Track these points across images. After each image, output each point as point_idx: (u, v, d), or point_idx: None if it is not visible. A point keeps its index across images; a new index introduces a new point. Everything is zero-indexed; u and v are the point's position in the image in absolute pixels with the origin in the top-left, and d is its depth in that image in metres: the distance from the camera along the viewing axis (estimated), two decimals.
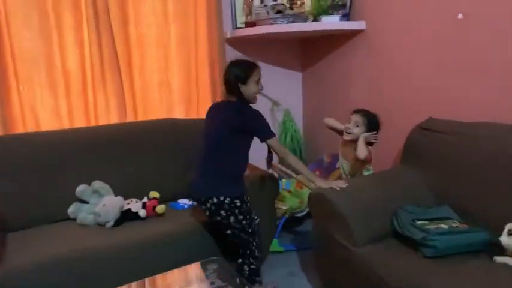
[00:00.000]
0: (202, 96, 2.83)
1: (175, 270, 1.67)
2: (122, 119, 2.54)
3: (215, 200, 1.88)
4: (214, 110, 2.09)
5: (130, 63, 2.56)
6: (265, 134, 1.92)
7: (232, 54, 2.91)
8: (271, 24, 2.54)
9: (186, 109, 2.78)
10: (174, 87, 2.74)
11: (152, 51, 2.61)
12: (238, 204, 1.91)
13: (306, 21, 2.63)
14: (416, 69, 2.27)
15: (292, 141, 3.12)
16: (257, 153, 2.71)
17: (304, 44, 3.15)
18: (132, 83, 2.59)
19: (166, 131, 2.48)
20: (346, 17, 2.60)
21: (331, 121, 2.40)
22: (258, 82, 1.95)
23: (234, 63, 1.97)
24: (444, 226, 1.65)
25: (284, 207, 2.64)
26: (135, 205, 2.14)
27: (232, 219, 1.91)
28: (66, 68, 2.40)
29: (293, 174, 2.56)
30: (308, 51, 3.13)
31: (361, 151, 2.12)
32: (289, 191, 2.71)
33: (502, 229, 1.52)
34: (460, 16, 1.99)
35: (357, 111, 2.22)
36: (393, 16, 2.36)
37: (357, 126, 2.18)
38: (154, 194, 2.26)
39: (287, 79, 3.18)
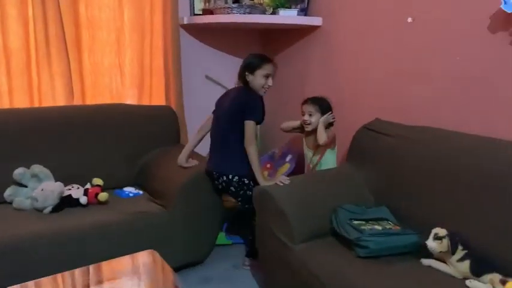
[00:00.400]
0: (155, 84, 2.76)
1: (109, 261, 1.63)
2: (69, 102, 2.44)
3: (225, 178, 2.10)
4: (224, 95, 2.31)
5: (79, 44, 2.46)
6: (251, 114, 2.06)
7: (189, 42, 2.86)
8: (228, 13, 2.49)
9: (139, 95, 2.71)
10: (125, 72, 2.65)
11: (103, 34, 2.51)
12: (246, 182, 2.12)
13: (264, 13, 2.60)
14: (368, 69, 2.30)
15: None
16: (206, 144, 2.71)
17: (264, 36, 3.12)
18: (80, 65, 2.48)
19: (115, 116, 2.41)
20: (304, 11, 2.59)
21: (286, 124, 2.44)
22: (266, 76, 2.10)
23: (252, 54, 2.18)
24: (378, 227, 1.69)
25: (233, 200, 2.63)
26: (76, 191, 2.08)
27: (241, 193, 2.14)
28: (7, 44, 2.26)
29: None
30: (268, 44, 3.11)
31: (321, 136, 2.16)
32: None
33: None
34: (409, 20, 2.02)
35: (305, 102, 2.27)
36: (348, 14, 2.37)
37: (311, 115, 2.22)
38: (97, 181, 2.20)
39: None
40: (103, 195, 2.09)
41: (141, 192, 2.30)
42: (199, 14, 2.76)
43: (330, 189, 1.98)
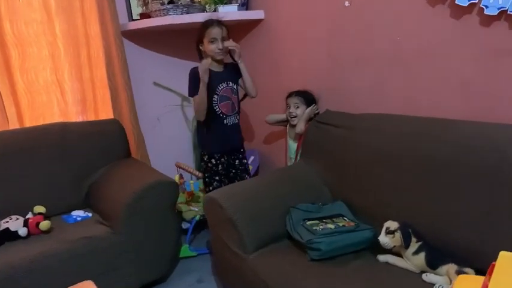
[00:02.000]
0: (100, 96, 2.61)
1: None
2: (4, 127, 2.28)
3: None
4: None
5: (8, 64, 2.29)
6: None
7: (131, 49, 2.72)
8: (164, 15, 2.36)
9: (83, 111, 2.56)
10: (65, 88, 2.49)
11: (33, 50, 2.35)
12: (205, 159, 2.25)
13: (204, 12, 2.47)
14: (312, 58, 2.20)
15: None
16: (159, 158, 2.59)
17: None
18: (13, 87, 2.31)
19: (53, 136, 2.24)
20: (245, 6, 2.48)
21: (271, 117, 2.40)
22: (212, 42, 2.06)
23: None
24: (331, 226, 1.60)
25: (195, 209, 2.52)
26: (14, 223, 1.93)
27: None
28: None
29: (199, 174, 2.44)
30: None
31: (299, 125, 2.16)
32: (193, 193, 2.57)
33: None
34: (346, 4, 1.92)
35: (290, 95, 2.24)
36: (287, 3, 2.26)
37: (298, 107, 2.20)
38: (39, 209, 2.05)
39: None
40: (44, 224, 1.94)
41: (90, 215, 2.16)
42: (137, 19, 2.62)
43: (283, 189, 1.88)
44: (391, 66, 1.81)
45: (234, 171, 2.29)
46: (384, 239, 1.43)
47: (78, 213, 2.17)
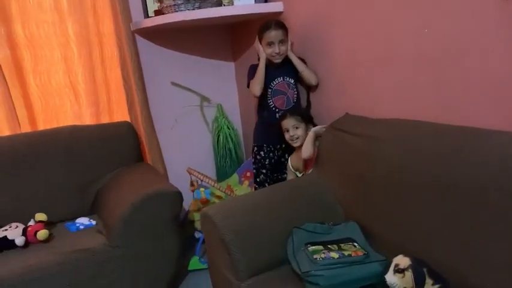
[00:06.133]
0: (114, 97, 2.53)
1: None
2: (16, 131, 2.25)
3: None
4: None
5: (20, 66, 2.26)
6: None
7: (147, 48, 2.60)
8: (176, 11, 2.20)
9: (96, 113, 2.48)
10: (79, 90, 2.43)
11: (46, 52, 2.30)
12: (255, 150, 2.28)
13: (219, 5, 2.29)
14: (334, 55, 1.94)
15: (227, 140, 2.81)
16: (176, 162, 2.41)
17: (234, 30, 2.81)
18: (25, 90, 2.28)
19: (61, 140, 2.18)
20: None
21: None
22: (269, 45, 1.99)
23: None
24: (334, 255, 1.35)
25: None
26: (13, 232, 1.88)
27: None
28: None
29: (210, 181, 2.28)
30: (238, 38, 2.79)
31: (307, 148, 1.85)
32: (207, 201, 2.40)
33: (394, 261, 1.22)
34: None
35: (284, 116, 1.98)
36: None
37: (297, 127, 1.94)
38: (40, 217, 1.99)
39: (218, 70, 2.84)
40: (41, 234, 1.87)
41: (94, 223, 2.07)
42: (152, 16, 2.49)
43: (290, 206, 1.66)
44: (417, 65, 1.51)
45: (281, 167, 2.21)
46: (391, 278, 1.17)
47: (82, 221, 2.08)
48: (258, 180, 2.26)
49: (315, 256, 1.36)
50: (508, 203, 1.04)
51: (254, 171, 2.29)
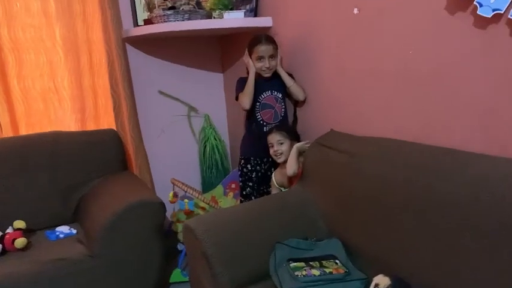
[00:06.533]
0: (100, 104, 2.50)
1: None
2: None
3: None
4: None
5: (4, 70, 2.22)
6: None
7: (136, 56, 2.59)
8: (164, 21, 2.21)
9: (81, 119, 2.46)
10: (64, 95, 2.40)
11: (31, 56, 2.27)
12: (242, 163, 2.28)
13: (208, 17, 2.30)
14: (320, 71, 1.96)
15: (214, 151, 2.81)
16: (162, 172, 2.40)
17: (223, 42, 2.82)
18: (8, 93, 2.25)
19: (44, 146, 2.14)
20: (253, 12, 2.28)
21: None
22: (259, 59, 2.01)
23: None
24: (315, 272, 1.36)
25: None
26: None
27: None
28: None
29: (193, 193, 2.26)
30: (227, 50, 2.81)
31: (291, 164, 1.87)
32: (191, 212, 2.39)
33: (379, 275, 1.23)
34: (355, 11, 1.67)
35: (269, 132, 2.01)
36: (298, 11, 2.04)
37: (282, 143, 1.96)
38: (18, 224, 1.96)
39: (206, 81, 2.84)
40: (19, 242, 1.83)
41: (74, 232, 2.03)
42: (141, 25, 2.49)
43: (273, 220, 1.67)
44: (402, 84, 1.54)
45: (268, 180, 2.19)
46: None
47: (62, 230, 2.05)
48: (244, 193, 2.26)
49: (296, 273, 1.37)
50: (489, 223, 1.06)
51: (240, 183, 2.29)
